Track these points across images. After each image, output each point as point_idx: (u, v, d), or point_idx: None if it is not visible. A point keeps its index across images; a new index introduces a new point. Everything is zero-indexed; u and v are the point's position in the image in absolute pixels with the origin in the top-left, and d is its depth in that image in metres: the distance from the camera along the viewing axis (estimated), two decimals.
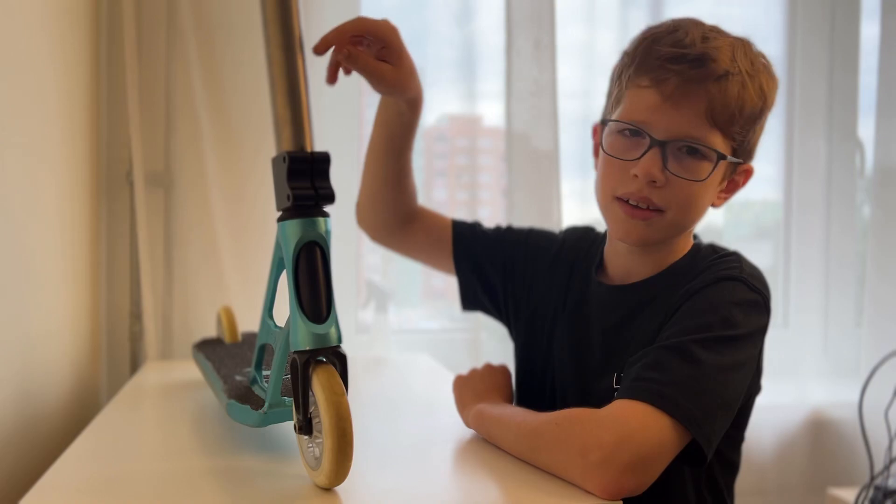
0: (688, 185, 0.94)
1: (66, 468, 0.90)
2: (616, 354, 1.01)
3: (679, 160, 0.94)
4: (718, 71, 0.92)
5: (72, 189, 1.49)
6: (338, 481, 0.78)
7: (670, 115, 0.93)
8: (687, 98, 0.92)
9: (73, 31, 1.50)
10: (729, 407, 0.88)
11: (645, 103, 0.94)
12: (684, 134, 0.93)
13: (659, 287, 1.01)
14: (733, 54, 0.94)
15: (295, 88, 0.82)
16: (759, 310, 0.93)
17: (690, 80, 0.92)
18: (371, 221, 1.27)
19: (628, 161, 0.95)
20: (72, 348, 1.48)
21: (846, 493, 1.77)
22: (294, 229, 0.80)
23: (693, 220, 0.99)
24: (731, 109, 0.92)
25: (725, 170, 0.98)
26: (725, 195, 1.03)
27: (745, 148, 0.99)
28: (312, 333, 0.78)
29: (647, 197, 0.94)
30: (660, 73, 0.93)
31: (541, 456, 0.87)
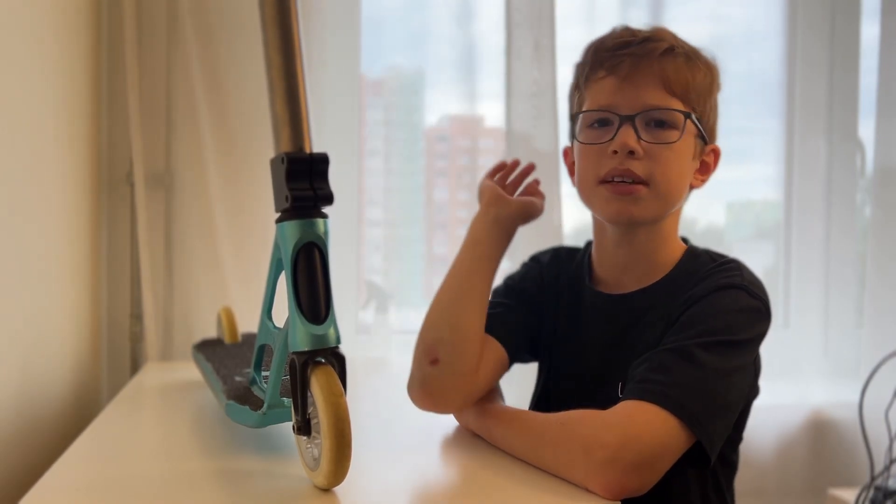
0: (665, 152, 0.98)
1: (65, 469, 0.90)
2: (618, 363, 1.01)
3: (650, 132, 0.98)
4: (664, 46, 0.98)
5: (72, 190, 1.49)
6: (336, 482, 0.78)
7: (631, 93, 0.98)
8: (641, 74, 0.98)
9: (73, 33, 1.50)
10: (731, 409, 0.90)
11: (606, 90, 1.00)
12: (648, 105, 0.98)
13: (659, 295, 1.02)
14: (674, 37, 1.01)
15: (293, 90, 0.82)
16: (760, 316, 0.95)
17: (641, 57, 0.98)
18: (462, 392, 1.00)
19: (604, 144, 0.99)
20: (72, 349, 1.49)
21: (847, 493, 1.77)
22: (293, 230, 0.80)
23: (676, 192, 1.01)
24: (684, 77, 0.98)
25: (696, 144, 1.02)
26: (701, 176, 1.06)
27: (706, 124, 1.03)
28: (311, 334, 0.78)
29: (629, 169, 0.97)
30: (613, 61, 0.99)
31: (544, 455, 0.88)
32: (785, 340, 2.12)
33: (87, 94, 1.60)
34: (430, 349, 0.99)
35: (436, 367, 0.98)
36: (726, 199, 2.25)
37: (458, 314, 1.00)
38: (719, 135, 1.08)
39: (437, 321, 1.00)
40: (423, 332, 1.01)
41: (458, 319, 0.99)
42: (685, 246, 1.07)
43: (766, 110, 2.18)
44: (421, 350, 1.00)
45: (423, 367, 0.99)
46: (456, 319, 0.99)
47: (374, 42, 1.95)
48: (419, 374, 1.00)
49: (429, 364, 0.98)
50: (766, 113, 2.18)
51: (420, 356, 1.00)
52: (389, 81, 2.05)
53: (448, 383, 0.98)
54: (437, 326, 1.00)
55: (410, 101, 2.06)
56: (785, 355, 2.10)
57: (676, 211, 1.04)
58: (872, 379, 1.77)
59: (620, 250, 1.05)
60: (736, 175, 2.20)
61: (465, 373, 0.98)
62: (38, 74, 1.29)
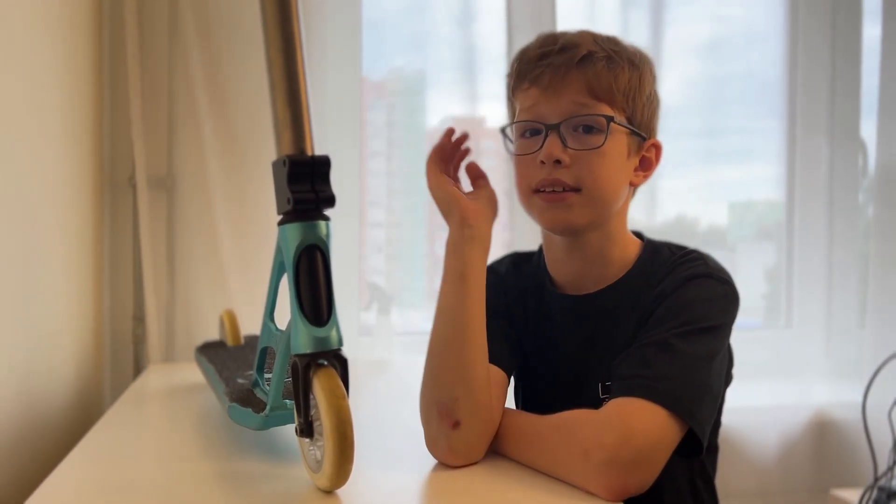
0: (593, 157, 0.97)
1: (69, 471, 0.91)
2: (593, 363, 1.02)
3: (576, 138, 0.98)
4: (582, 52, 0.98)
5: (75, 193, 1.50)
6: (339, 484, 0.79)
7: (554, 102, 0.98)
8: (563, 82, 0.98)
9: (75, 36, 1.50)
10: (715, 394, 0.91)
11: (530, 100, 1.01)
12: (571, 112, 0.98)
13: (624, 292, 1.02)
14: (594, 40, 1.01)
15: (295, 91, 0.82)
16: (730, 301, 0.98)
17: (560, 66, 0.98)
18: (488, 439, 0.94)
19: (533, 154, 0.99)
20: (75, 351, 1.49)
21: (850, 494, 1.76)
22: (294, 233, 0.80)
23: (611, 194, 1.00)
24: (606, 81, 0.98)
25: (629, 143, 1.01)
26: (643, 172, 1.06)
27: (640, 121, 1.02)
28: (313, 336, 0.78)
29: (558, 178, 0.97)
30: (534, 72, 1.00)
31: (543, 460, 0.88)
32: (787, 341, 2.12)
33: (89, 97, 1.60)
34: (447, 412, 0.90)
35: (459, 430, 0.90)
36: (728, 200, 2.25)
37: (468, 367, 0.91)
38: (718, 135, 1.08)
39: (448, 379, 0.91)
40: (434, 391, 0.92)
41: (470, 373, 0.91)
42: (639, 241, 1.08)
43: (767, 110, 2.18)
44: (436, 412, 0.91)
45: (446, 432, 0.90)
46: (468, 374, 0.91)
47: (376, 44, 1.95)
48: (444, 440, 0.91)
49: (451, 428, 0.90)
50: (767, 113, 2.18)
51: (437, 419, 0.91)
52: (392, 83, 2.06)
53: (474, 440, 0.91)
54: (449, 385, 0.91)
55: (413, 102, 2.06)
56: (787, 356, 2.10)
57: (621, 210, 1.04)
58: (875, 379, 1.77)
59: (572, 256, 1.05)
60: (737, 175, 2.20)
61: (486, 421, 0.92)
62: (41, 78, 1.29)
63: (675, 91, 2.10)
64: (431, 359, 0.94)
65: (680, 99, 2.11)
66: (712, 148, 2.15)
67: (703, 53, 2.14)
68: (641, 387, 0.85)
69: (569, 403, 0.90)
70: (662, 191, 2.07)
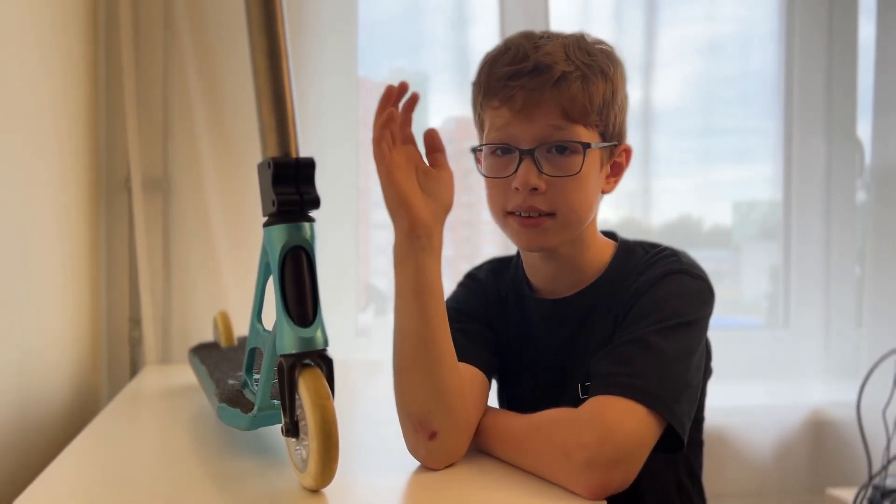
0: (567, 182, 0.96)
1: (60, 471, 0.91)
2: (573, 365, 1.02)
3: (551, 162, 0.96)
4: (556, 74, 0.95)
5: (70, 195, 1.50)
6: (324, 483, 0.79)
7: (527, 126, 0.96)
8: (536, 106, 0.95)
9: (70, 38, 1.51)
10: (693, 389, 0.92)
11: (502, 121, 0.98)
12: (546, 137, 0.96)
13: (600, 293, 1.03)
14: (566, 54, 0.96)
15: (280, 95, 0.83)
16: (705, 296, 0.98)
17: (533, 89, 0.95)
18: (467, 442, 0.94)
19: (507, 178, 0.98)
20: (72, 353, 1.49)
21: (845, 493, 1.76)
22: (279, 234, 0.81)
23: (585, 214, 1.00)
24: (580, 103, 0.95)
25: (601, 156, 1.01)
26: (614, 178, 1.05)
27: (612, 131, 1.01)
28: (298, 337, 0.79)
29: (533, 206, 0.96)
30: (505, 92, 0.96)
31: (525, 460, 0.88)
32: (784, 340, 2.12)
33: (84, 100, 1.61)
34: (422, 424, 0.88)
35: (437, 441, 0.89)
36: (732, 200, 2.25)
37: (437, 381, 0.88)
38: (715, 135, 1.08)
39: (419, 395, 0.89)
40: (406, 407, 0.90)
41: (440, 386, 0.89)
42: (612, 242, 1.08)
43: (764, 110, 2.18)
44: (411, 425, 0.89)
45: (424, 444, 0.89)
46: (438, 387, 0.88)
47: (378, 45, 1.96)
48: (423, 450, 0.90)
49: (428, 440, 0.89)
50: (764, 113, 2.18)
51: (413, 431, 0.90)
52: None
53: (452, 446, 0.91)
54: (420, 399, 0.89)
55: None
56: (784, 355, 2.10)
57: (592, 219, 1.04)
58: (870, 378, 1.77)
59: (547, 265, 1.05)
60: (737, 175, 2.20)
61: (463, 427, 0.91)
62: (36, 81, 1.30)
63: (672, 92, 2.10)
64: (398, 376, 0.90)
65: (676, 99, 2.11)
66: (709, 148, 2.15)
67: (698, 54, 2.14)
68: (619, 384, 0.86)
69: (551, 405, 0.91)
70: (662, 191, 2.07)
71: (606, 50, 1.01)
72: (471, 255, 2.05)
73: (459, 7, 1.95)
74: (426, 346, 0.88)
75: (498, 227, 1.03)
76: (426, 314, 0.89)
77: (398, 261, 0.90)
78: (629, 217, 2.04)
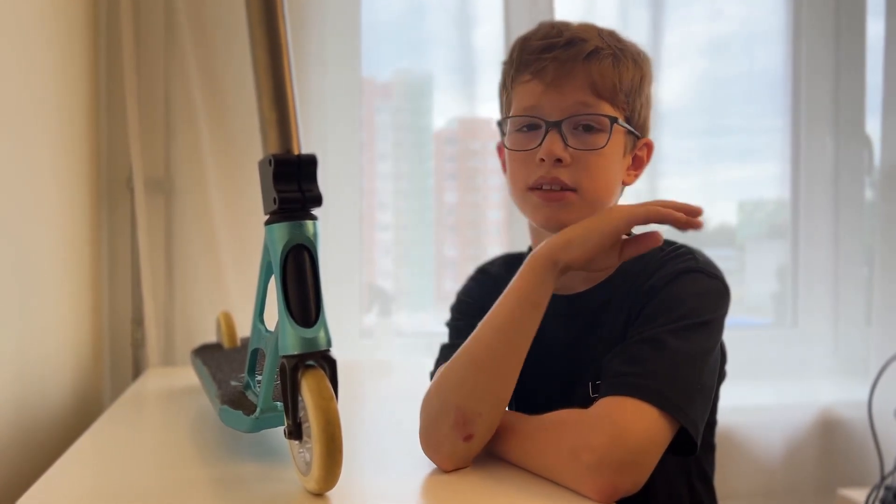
0: (592, 158, 0.96)
1: (61, 473, 0.90)
2: (584, 362, 1.00)
3: (577, 137, 0.96)
4: (589, 48, 0.96)
5: (72, 196, 1.49)
6: (328, 486, 0.78)
7: (557, 98, 0.96)
8: (567, 78, 0.96)
9: (71, 39, 1.50)
10: (707, 391, 0.89)
11: (531, 94, 0.98)
12: (574, 111, 0.96)
13: (613, 289, 1.01)
14: (599, 34, 0.99)
15: (281, 90, 0.81)
16: (721, 296, 0.96)
17: (566, 61, 0.96)
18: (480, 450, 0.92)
19: (531, 150, 0.98)
20: (74, 355, 1.48)
21: (856, 493, 1.74)
22: (281, 232, 0.79)
23: (606, 195, 1.00)
24: (610, 80, 0.96)
25: (625, 142, 1.00)
26: (634, 171, 1.05)
27: (637, 121, 1.01)
28: (301, 337, 0.78)
29: (556, 177, 0.96)
30: (537, 65, 0.97)
31: (533, 461, 0.87)
32: (793, 339, 2.11)
33: (85, 100, 1.60)
34: (464, 423, 0.86)
35: (469, 443, 0.87)
36: (738, 199, 2.24)
37: (504, 389, 0.88)
38: (722, 134, 1.06)
39: (480, 393, 0.87)
40: (458, 399, 0.87)
41: (503, 395, 0.88)
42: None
43: (771, 109, 2.16)
44: (451, 420, 0.87)
45: (455, 442, 0.87)
46: (501, 395, 0.88)
47: (382, 46, 1.95)
48: (449, 447, 0.87)
49: (462, 440, 0.87)
50: (771, 111, 2.16)
51: (449, 427, 0.87)
52: (398, 85, 2.06)
53: (474, 453, 0.89)
54: (478, 399, 0.87)
55: (419, 104, 2.06)
56: (793, 354, 2.09)
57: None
58: (881, 377, 1.75)
59: None
60: (743, 174, 2.18)
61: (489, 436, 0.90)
62: (38, 81, 1.29)
63: (679, 90, 2.09)
64: (469, 367, 0.88)
65: (684, 98, 2.10)
66: (717, 147, 2.14)
67: (706, 52, 2.12)
68: (631, 385, 0.84)
69: (561, 403, 0.89)
70: (668, 190, 2.05)
71: (636, 46, 1.03)
72: (476, 255, 2.04)
73: (463, 7, 1.95)
74: (515, 351, 0.89)
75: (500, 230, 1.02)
76: (531, 324, 0.89)
77: (534, 271, 0.89)
78: None
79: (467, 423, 0.87)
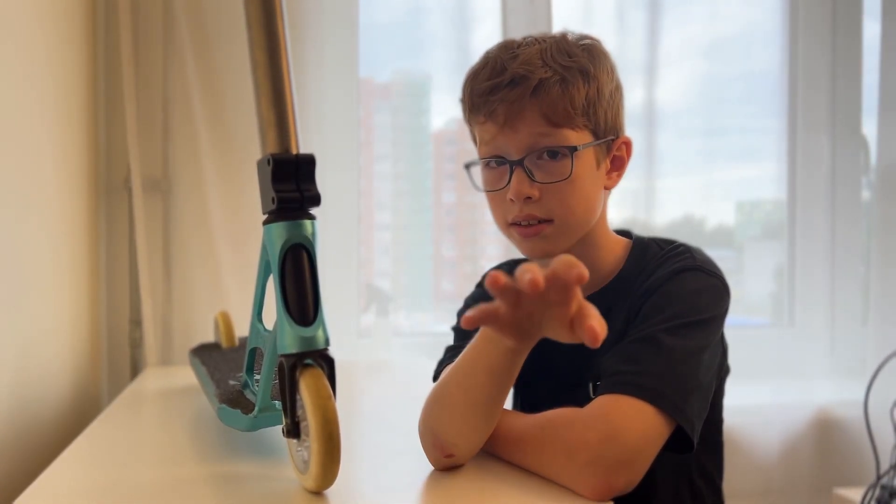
0: (560, 187, 0.95)
1: (59, 472, 0.90)
2: (586, 367, 1.00)
3: (542, 168, 0.96)
4: (534, 83, 0.94)
5: (70, 196, 1.49)
6: (326, 485, 0.78)
7: (513, 138, 0.96)
8: (519, 117, 0.95)
9: (69, 39, 1.50)
10: (704, 388, 0.89)
11: (489, 135, 0.98)
12: (533, 145, 0.95)
13: (614, 294, 1.01)
14: (543, 60, 0.96)
15: (279, 90, 0.82)
16: (720, 293, 0.96)
17: (514, 101, 0.95)
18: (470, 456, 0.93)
19: (502, 190, 0.98)
20: (71, 355, 1.48)
21: (852, 492, 1.75)
22: (279, 232, 0.79)
23: (586, 215, 0.99)
24: (562, 107, 0.94)
25: (597, 154, 0.99)
26: (616, 172, 1.03)
27: (606, 126, 0.99)
28: (299, 336, 0.78)
29: (530, 213, 0.96)
30: (487, 107, 0.96)
31: (529, 461, 0.87)
32: (790, 339, 2.11)
33: (84, 100, 1.60)
34: (442, 447, 0.88)
35: (453, 459, 0.89)
36: (735, 199, 2.24)
37: (476, 425, 0.87)
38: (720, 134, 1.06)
39: (456, 425, 0.88)
40: (435, 427, 0.89)
41: (476, 431, 0.88)
42: (626, 241, 1.06)
43: (768, 109, 2.17)
44: (431, 441, 0.89)
45: (439, 459, 0.89)
46: (474, 430, 0.88)
47: (380, 46, 1.96)
48: (434, 459, 0.90)
49: (444, 458, 0.88)
50: (768, 112, 2.17)
51: (431, 446, 0.89)
52: (397, 85, 2.06)
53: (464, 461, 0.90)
54: (455, 430, 0.88)
55: (418, 104, 2.06)
56: (790, 354, 2.09)
57: (600, 216, 1.03)
58: (877, 377, 1.76)
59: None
60: (741, 175, 2.19)
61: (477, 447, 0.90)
62: (35, 81, 1.29)
63: (677, 92, 2.10)
64: (441, 404, 0.89)
65: (680, 99, 2.11)
66: (714, 147, 2.14)
67: (703, 54, 2.13)
68: (626, 383, 0.84)
69: (561, 404, 0.89)
70: (665, 191, 2.06)
71: (589, 45, 1.00)
72: (474, 255, 2.04)
73: (462, 8, 1.95)
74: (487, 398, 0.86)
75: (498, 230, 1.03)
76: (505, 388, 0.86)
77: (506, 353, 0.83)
78: (632, 217, 2.03)
79: (446, 447, 0.88)
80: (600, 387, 0.87)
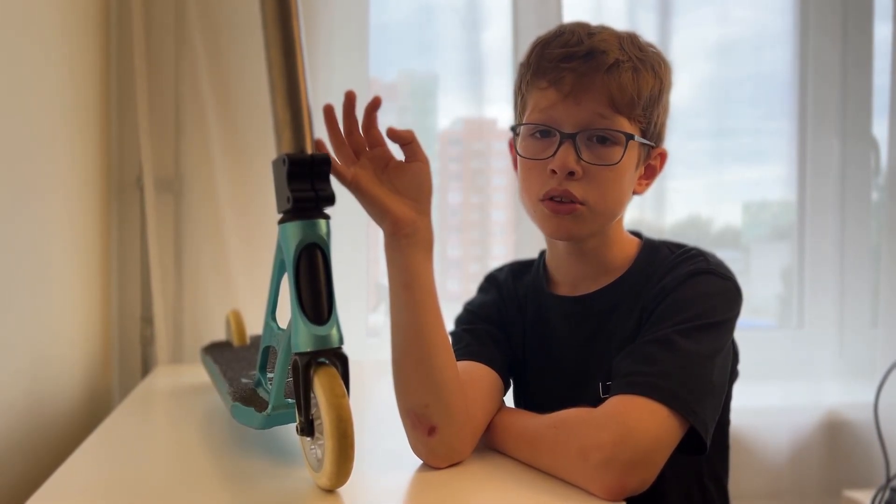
0: (604, 172, 0.96)
1: (72, 470, 0.91)
2: (593, 364, 1.01)
3: (591, 149, 0.95)
4: (609, 61, 0.94)
5: (82, 195, 1.50)
6: (339, 483, 0.78)
7: (573, 110, 0.95)
8: (585, 91, 0.95)
9: (82, 38, 1.51)
10: (718, 391, 0.90)
11: (548, 103, 0.97)
12: (590, 124, 0.95)
13: (622, 291, 1.02)
14: (620, 44, 0.97)
15: (295, 91, 0.82)
16: (732, 297, 0.96)
17: (584, 73, 0.94)
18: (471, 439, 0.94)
19: (544, 160, 0.97)
20: (83, 353, 1.49)
21: (862, 495, 1.75)
22: (294, 231, 0.80)
23: (616, 208, 1.00)
24: (629, 94, 0.95)
25: (639, 154, 1.00)
26: (646, 181, 1.05)
27: (653, 131, 1.01)
28: (313, 335, 0.78)
29: (567, 190, 0.95)
30: (555, 74, 0.96)
31: (542, 461, 0.87)
32: (799, 341, 2.11)
33: (96, 99, 1.61)
34: (420, 419, 0.89)
35: (436, 437, 0.89)
36: (742, 200, 2.24)
37: (433, 374, 0.88)
38: (729, 136, 1.06)
39: (414, 387, 0.89)
40: (403, 400, 0.90)
41: (436, 379, 0.88)
42: (637, 240, 1.07)
43: (777, 111, 2.17)
44: (410, 421, 0.90)
45: (423, 439, 0.89)
46: (434, 380, 0.88)
47: (389, 46, 1.95)
48: (423, 448, 0.90)
49: (427, 436, 0.89)
50: (777, 113, 2.17)
51: (412, 427, 0.90)
52: (403, 85, 2.06)
53: (455, 443, 0.90)
54: (416, 392, 0.89)
55: (424, 104, 2.06)
56: (799, 356, 2.08)
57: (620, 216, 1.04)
58: (887, 379, 1.75)
59: (572, 258, 1.04)
60: (749, 176, 2.19)
61: (464, 423, 0.91)
62: (48, 80, 1.30)
63: (686, 92, 2.09)
64: (395, 371, 0.91)
65: (690, 100, 2.10)
66: (723, 149, 2.14)
67: (713, 55, 2.13)
68: (641, 384, 0.84)
69: (571, 403, 0.90)
70: (674, 191, 2.06)
71: (658, 52, 1.02)
72: (481, 255, 2.04)
73: (472, 9, 1.95)
74: (419, 339, 0.89)
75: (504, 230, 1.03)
76: (416, 307, 0.88)
77: (388, 259, 0.90)
78: (640, 218, 2.03)
79: (422, 418, 0.88)
80: (613, 387, 0.88)
